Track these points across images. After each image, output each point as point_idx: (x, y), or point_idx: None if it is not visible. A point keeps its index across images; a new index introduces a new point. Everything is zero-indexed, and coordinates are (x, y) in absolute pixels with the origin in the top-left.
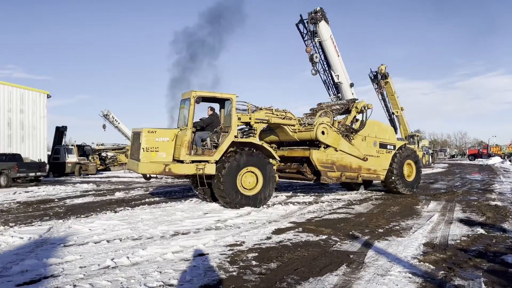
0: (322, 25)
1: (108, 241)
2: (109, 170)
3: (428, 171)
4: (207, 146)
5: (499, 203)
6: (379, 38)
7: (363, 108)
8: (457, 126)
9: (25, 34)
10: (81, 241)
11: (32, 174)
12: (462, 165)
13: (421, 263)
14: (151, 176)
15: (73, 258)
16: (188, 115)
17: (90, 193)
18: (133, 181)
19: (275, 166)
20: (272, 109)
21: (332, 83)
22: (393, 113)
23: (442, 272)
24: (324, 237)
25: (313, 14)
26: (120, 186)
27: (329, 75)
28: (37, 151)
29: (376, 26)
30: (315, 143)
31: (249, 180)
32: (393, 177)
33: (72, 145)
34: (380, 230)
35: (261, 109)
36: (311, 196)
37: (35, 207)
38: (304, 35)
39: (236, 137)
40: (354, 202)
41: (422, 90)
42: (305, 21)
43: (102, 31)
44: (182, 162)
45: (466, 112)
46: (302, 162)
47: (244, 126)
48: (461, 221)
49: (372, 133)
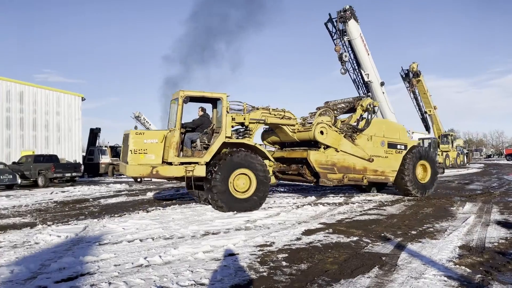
0: (352, 23)
1: (141, 240)
2: None
3: (463, 171)
4: (197, 147)
5: None
6: (410, 35)
7: (368, 106)
8: (493, 125)
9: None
10: (115, 239)
11: (68, 174)
12: (499, 165)
13: (457, 266)
14: (142, 179)
15: (108, 256)
16: (176, 115)
17: (123, 193)
18: (164, 181)
19: (271, 168)
20: (269, 109)
21: (362, 82)
22: (425, 112)
23: (479, 275)
24: (355, 238)
25: (342, 13)
26: (151, 186)
27: (359, 74)
28: (73, 152)
29: (407, 23)
30: (316, 144)
31: (242, 182)
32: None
33: (105, 146)
34: (413, 232)
35: (257, 109)
36: (341, 197)
37: (71, 207)
38: (333, 34)
39: (228, 137)
40: (385, 203)
41: (455, 88)
42: (334, 20)
43: (130, 38)
44: (171, 164)
45: (502, 110)
46: (303, 163)
47: (240, 127)
48: (498, 223)
49: (380, 132)
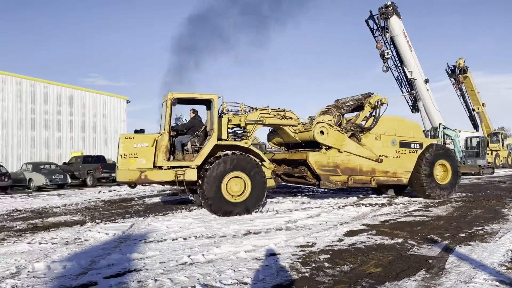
0: (394, 19)
1: (184, 239)
2: None
3: None
4: (188, 150)
5: None
6: (455, 30)
7: (376, 103)
8: None
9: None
10: (160, 238)
11: (115, 174)
12: None
13: (510, 270)
14: (136, 184)
15: (153, 254)
16: (165, 118)
17: (166, 192)
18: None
19: (270, 170)
20: (268, 109)
21: (405, 79)
22: (473, 110)
23: None
24: (399, 240)
25: (383, 9)
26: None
27: (402, 71)
28: None
29: (452, 17)
30: (319, 145)
31: (236, 185)
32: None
33: None
34: (462, 235)
35: (256, 109)
36: (384, 197)
37: (117, 205)
38: (374, 31)
39: (221, 140)
40: (431, 204)
41: (505, 84)
42: (375, 17)
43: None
44: (161, 168)
45: None
46: (305, 165)
47: (237, 128)
48: None
49: (390, 130)
